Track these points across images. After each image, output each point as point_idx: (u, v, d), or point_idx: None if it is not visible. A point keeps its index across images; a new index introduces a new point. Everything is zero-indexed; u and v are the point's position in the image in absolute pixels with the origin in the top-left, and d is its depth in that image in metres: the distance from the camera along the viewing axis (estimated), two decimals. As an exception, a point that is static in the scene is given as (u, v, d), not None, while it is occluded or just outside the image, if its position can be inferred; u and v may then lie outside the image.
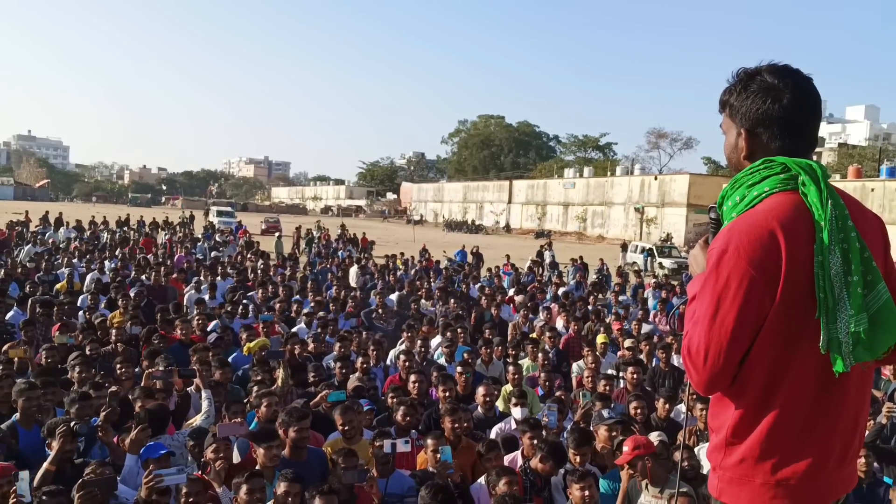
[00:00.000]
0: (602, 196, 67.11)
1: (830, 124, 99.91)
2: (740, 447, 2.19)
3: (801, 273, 2.06)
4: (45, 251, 20.86)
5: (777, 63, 2.26)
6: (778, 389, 2.14)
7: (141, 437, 5.66)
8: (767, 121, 2.22)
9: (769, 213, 2.11)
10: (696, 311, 2.16)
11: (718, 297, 2.09)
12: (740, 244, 2.07)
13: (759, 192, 2.16)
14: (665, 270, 32.76)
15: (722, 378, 2.14)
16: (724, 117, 2.36)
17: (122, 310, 11.36)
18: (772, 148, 2.24)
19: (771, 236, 2.06)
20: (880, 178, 43.08)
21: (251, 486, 4.79)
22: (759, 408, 2.16)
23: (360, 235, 35.52)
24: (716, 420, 2.30)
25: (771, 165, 2.18)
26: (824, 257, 2.04)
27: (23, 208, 42.62)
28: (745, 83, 2.26)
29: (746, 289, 2.06)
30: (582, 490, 5.31)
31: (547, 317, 13.45)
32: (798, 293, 2.07)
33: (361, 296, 14.90)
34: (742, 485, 2.19)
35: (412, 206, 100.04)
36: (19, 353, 7.99)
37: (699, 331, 2.12)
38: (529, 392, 8.34)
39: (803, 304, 2.08)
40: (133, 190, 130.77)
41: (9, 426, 6.03)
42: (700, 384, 2.17)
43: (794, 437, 2.15)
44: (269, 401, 6.59)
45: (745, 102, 2.25)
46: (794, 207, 2.11)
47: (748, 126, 2.26)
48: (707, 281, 2.13)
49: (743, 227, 2.10)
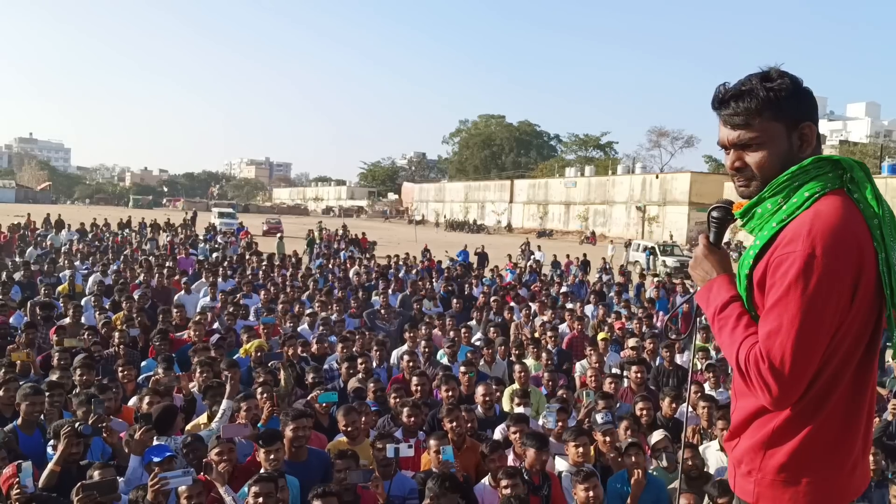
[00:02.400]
0: (603, 195, 67.06)
1: (831, 121, 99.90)
2: (782, 449, 2.15)
3: (870, 274, 2.04)
4: (46, 254, 20.86)
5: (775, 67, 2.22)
6: (829, 392, 2.11)
7: (144, 439, 5.65)
8: (813, 111, 2.20)
9: (840, 215, 2.04)
10: (775, 319, 2.03)
11: (810, 304, 1.98)
12: (828, 246, 1.98)
13: (811, 192, 2.10)
14: (668, 269, 32.72)
15: (802, 388, 2.05)
16: (761, 124, 2.17)
17: (125, 312, 11.36)
18: (815, 139, 2.22)
19: (853, 236, 2.02)
20: (882, 175, 43.03)
21: (259, 490, 4.77)
22: (808, 411, 2.12)
23: (360, 236, 35.52)
24: (747, 424, 2.24)
25: (821, 165, 2.13)
26: (888, 254, 2.03)
27: (24, 211, 42.61)
28: (793, 80, 2.18)
29: (840, 292, 1.99)
30: (586, 490, 5.29)
31: (551, 316, 13.45)
32: (868, 292, 2.05)
33: (364, 296, 14.88)
34: (786, 488, 2.15)
35: (413, 207, 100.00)
36: (22, 357, 7.98)
37: (782, 341, 2.00)
38: (535, 392, 8.34)
39: (870, 303, 2.07)
40: (134, 192, 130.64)
41: (10, 430, 5.98)
42: (780, 397, 2.05)
43: (836, 437, 2.13)
44: (249, 404, 6.53)
45: (792, 97, 2.16)
46: (850, 207, 2.08)
47: (806, 117, 2.18)
48: (791, 288, 2.00)
49: (825, 229, 2.01)
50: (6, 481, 4.78)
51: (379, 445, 5.78)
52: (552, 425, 6.67)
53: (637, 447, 5.98)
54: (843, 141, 74.96)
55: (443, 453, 5.64)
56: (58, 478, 5.10)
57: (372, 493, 5.40)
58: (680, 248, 40.43)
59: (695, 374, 8.84)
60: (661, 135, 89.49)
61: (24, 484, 4.67)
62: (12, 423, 6.15)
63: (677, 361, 9.93)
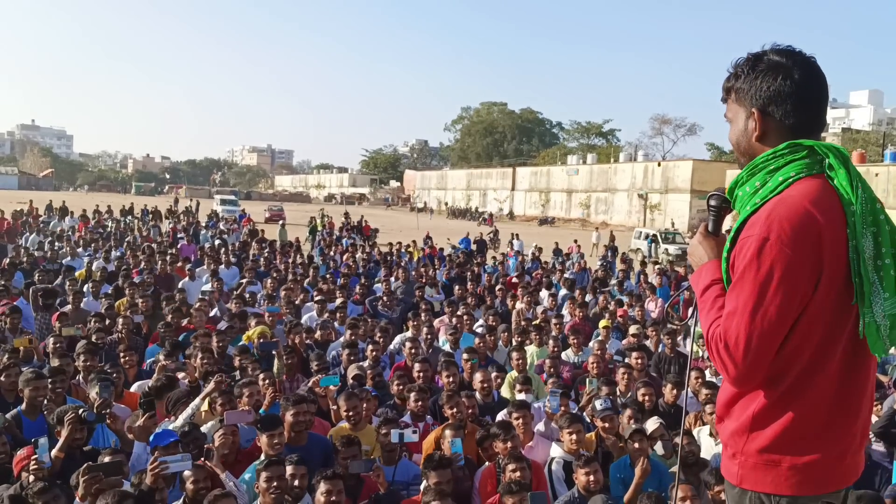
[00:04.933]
0: (605, 182, 66.97)
1: (834, 109, 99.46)
2: (765, 432, 2.16)
3: (838, 259, 2.04)
4: (48, 240, 20.86)
5: (780, 45, 2.22)
6: (810, 377, 2.11)
7: (148, 425, 5.68)
8: (780, 98, 2.16)
9: (806, 198, 2.05)
10: (732, 301, 2.09)
11: (761, 287, 2.02)
12: (783, 231, 2.00)
13: (785, 176, 2.11)
14: (669, 257, 32.72)
15: (761, 370, 2.08)
16: (730, 104, 2.29)
17: (129, 298, 11.39)
18: (786, 125, 2.18)
19: (813, 222, 2.01)
20: (884, 162, 42.86)
21: (270, 474, 4.81)
22: (789, 394, 2.13)
23: (363, 223, 35.51)
24: (731, 406, 2.26)
25: (796, 149, 2.13)
26: (858, 241, 2.02)
27: (27, 198, 42.59)
28: (753, 64, 2.21)
29: (791, 277, 2.00)
30: (587, 475, 5.32)
31: (552, 304, 13.46)
32: (836, 280, 2.05)
33: (366, 283, 14.89)
34: (768, 470, 2.17)
35: (416, 194, 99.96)
36: (25, 343, 8.01)
37: (737, 322, 2.05)
38: (535, 378, 8.37)
39: (840, 291, 2.06)
40: (136, 179, 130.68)
41: (13, 416, 6.03)
42: (738, 377, 2.11)
43: (822, 422, 2.13)
44: (251, 390, 6.58)
45: (754, 83, 2.19)
46: (825, 192, 2.08)
47: (760, 105, 2.19)
48: (746, 270, 2.05)
49: (783, 214, 2.03)
50: (21, 462, 4.84)
51: (384, 431, 5.81)
52: (555, 410, 6.69)
53: (641, 434, 6.01)
54: (845, 129, 74.59)
55: (452, 445, 5.68)
56: (61, 464, 5.13)
57: (374, 480, 5.44)
58: (682, 235, 40.42)
59: (696, 360, 8.86)
60: (663, 122, 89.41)
61: (42, 459, 4.74)
62: (16, 408, 6.19)
63: (679, 349, 9.95)
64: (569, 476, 5.87)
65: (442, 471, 5.13)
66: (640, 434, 5.98)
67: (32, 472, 4.69)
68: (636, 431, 6.03)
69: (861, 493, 5.29)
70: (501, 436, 5.84)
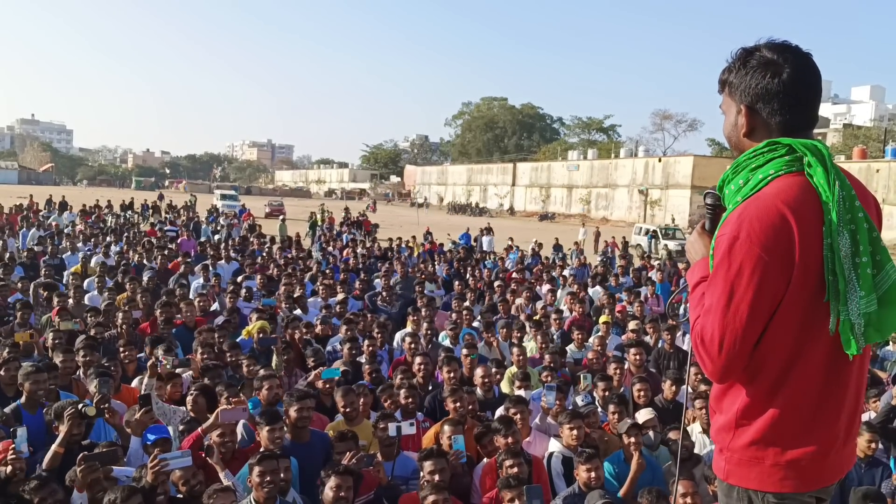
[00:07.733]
0: (606, 178, 66.94)
1: (835, 105, 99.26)
2: (750, 428, 2.18)
3: (813, 256, 2.04)
4: (49, 235, 20.83)
5: (775, 39, 2.22)
6: (790, 373, 2.13)
7: (144, 420, 5.67)
8: (767, 96, 2.17)
9: (778, 197, 2.06)
10: (708, 299, 2.12)
11: (732, 285, 2.05)
12: (752, 230, 2.03)
13: (765, 175, 2.12)
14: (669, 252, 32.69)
15: (737, 365, 2.11)
16: (724, 97, 2.31)
17: (129, 293, 11.37)
18: (772, 123, 2.19)
19: (783, 220, 2.03)
20: (886, 158, 42.84)
21: (263, 469, 4.80)
22: (771, 390, 2.15)
23: (363, 218, 35.48)
24: (721, 401, 2.28)
25: (775, 147, 2.14)
26: (833, 239, 2.02)
27: (27, 192, 42.59)
28: (744, 60, 2.22)
29: (760, 275, 2.02)
30: (589, 471, 5.33)
31: (551, 299, 13.46)
32: (811, 277, 2.05)
33: (366, 278, 14.89)
34: (752, 466, 2.19)
35: (416, 189, 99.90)
36: (25, 337, 8.01)
37: (712, 319, 2.09)
38: (533, 374, 8.37)
39: (816, 288, 2.06)
40: (136, 174, 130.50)
41: (13, 409, 6.04)
42: (714, 373, 2.14)
43: (805, 418, 2.14)
44: (271, 384, 6.59)
45: (744, 79, 2.20)
46: (802, 190, 2.08)
47: (748, 102, 2.21)
48: (718, 268, 2.09)
49: (753, 213, 2.05)
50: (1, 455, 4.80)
51: (381, 425, 5.81)
52: (550, 404, 6.69)
53: (637, 428, 6.00)
54: (847, 124, 74.45)
55: (454, 442, 5.68)
56: (61, 459, 5.13)
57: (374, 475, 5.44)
58: (682, 231, 40.39)
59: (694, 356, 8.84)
60: (664, 118, 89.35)
61: (20, 449, 4.71)
62: (16, 402, 6.20)
63: (678, 344, 9.95)
64: (567, 471, 5.87)
65: (436, 459, 5.14)
66: (636, 429, 5.99)
67: (10, 462, 4.65)
68: (633, 426, 6.03)
69: (864, 489, 5.30)
70: (503, 431, 5.84)
